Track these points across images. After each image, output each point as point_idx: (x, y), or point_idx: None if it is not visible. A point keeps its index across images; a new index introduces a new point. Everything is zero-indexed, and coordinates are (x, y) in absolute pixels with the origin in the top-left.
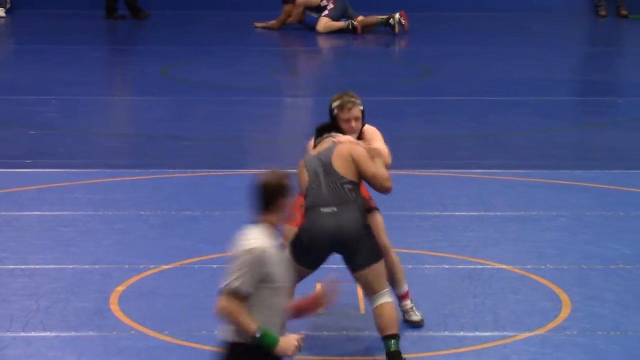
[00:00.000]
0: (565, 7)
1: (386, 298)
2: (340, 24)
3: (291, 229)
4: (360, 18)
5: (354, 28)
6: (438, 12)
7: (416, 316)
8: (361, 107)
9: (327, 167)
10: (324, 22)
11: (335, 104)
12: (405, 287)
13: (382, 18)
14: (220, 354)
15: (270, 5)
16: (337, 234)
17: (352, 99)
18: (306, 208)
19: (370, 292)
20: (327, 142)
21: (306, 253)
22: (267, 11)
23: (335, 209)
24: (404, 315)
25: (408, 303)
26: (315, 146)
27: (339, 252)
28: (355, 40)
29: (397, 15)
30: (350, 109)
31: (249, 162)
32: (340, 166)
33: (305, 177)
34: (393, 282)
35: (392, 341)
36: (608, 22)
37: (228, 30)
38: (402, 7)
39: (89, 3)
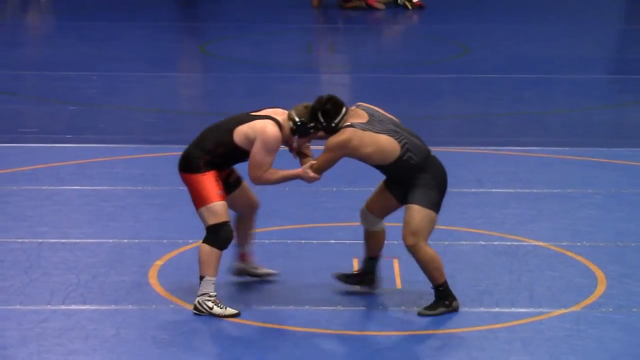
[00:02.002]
0: None
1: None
2: None
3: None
4: None
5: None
6: None
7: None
8: None
9: (397, 123)
10: None
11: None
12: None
13: None
14: None
15: None
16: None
17: None
18: (418, 160)
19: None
20: (361, 111)
21: (442, 195)
22: None
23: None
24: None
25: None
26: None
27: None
28: (394, 18)
29: None
30: None
31: None
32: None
33: (377, 141)
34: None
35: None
36: None
37: (265, 8)
38: None
39: None
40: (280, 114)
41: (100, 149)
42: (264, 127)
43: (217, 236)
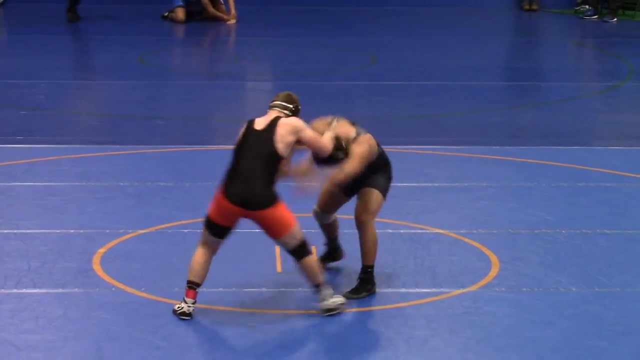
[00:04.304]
0: (493, 2)
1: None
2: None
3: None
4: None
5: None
6: (384, 7)
7: None
8: None
9: None
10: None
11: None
12: None
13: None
14: None
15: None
16: None
17: None
18: (382, 152)
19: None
20: (343, 119)
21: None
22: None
23: None
24: None
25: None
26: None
27: None
28: (310, 31)
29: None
30: None
31: (215, 139)
32: None
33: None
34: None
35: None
36: (530, 15)
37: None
38: (354, 1)
39: None
40: (272, 116)
41: (49, 149)
42: (288, 121)
43: (307, 248)
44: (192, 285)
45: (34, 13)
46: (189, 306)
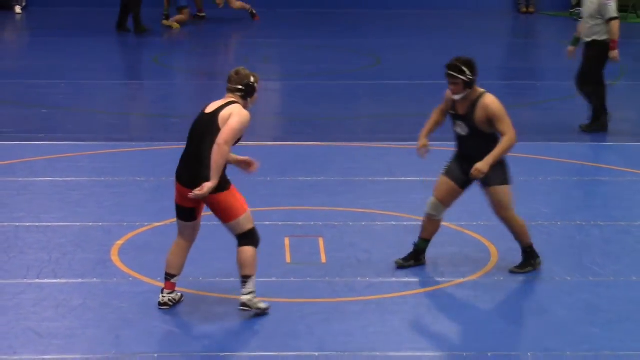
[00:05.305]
0: (492, 5)
1: None
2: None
3: None
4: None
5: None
6: (386, 10)
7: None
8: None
9: None
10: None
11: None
12: None
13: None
14: None
15: None
16: None
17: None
18: None
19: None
20: None
21: None
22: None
23: None
24: None
25: None
26: None
27: None
28: (316, 33)
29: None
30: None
31: None
32: None
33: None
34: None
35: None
36: (527, 17)
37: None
38: (359, 4)
39: (93, 1)
40: (225, 100)
41: (68, 146)
42: (238, 108)
43: (255, 238)
44: (167, 277)
45: (52, 17)
46: (164, 296)
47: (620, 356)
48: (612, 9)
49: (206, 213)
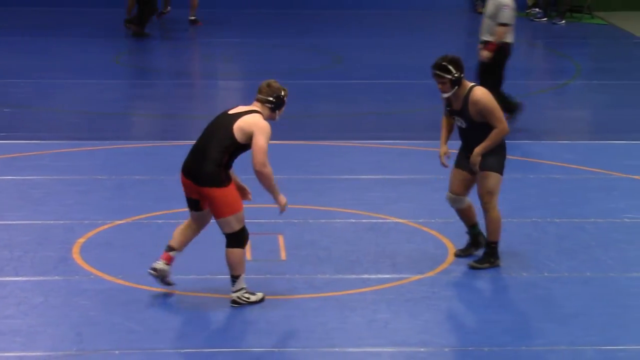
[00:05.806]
0: (448, 4)
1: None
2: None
3: None
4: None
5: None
6: (344, 10)
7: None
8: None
9: None
10: None
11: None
12: None
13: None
14: None
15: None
16: None
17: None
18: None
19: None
20: None
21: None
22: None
23: None
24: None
25: None
26: None
27: None
28: (276, 33)
29: None
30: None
31: (188, 135)
32: None
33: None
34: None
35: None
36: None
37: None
38: (317, 4)
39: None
40: (250, 108)
41: (30, 144)
42: (256, 118)
43: (242, 239)
44: (167, 248)
45: (13, 17)
46: (158, 262)
47: (576, 350)
48: (506, 15)
49: None
